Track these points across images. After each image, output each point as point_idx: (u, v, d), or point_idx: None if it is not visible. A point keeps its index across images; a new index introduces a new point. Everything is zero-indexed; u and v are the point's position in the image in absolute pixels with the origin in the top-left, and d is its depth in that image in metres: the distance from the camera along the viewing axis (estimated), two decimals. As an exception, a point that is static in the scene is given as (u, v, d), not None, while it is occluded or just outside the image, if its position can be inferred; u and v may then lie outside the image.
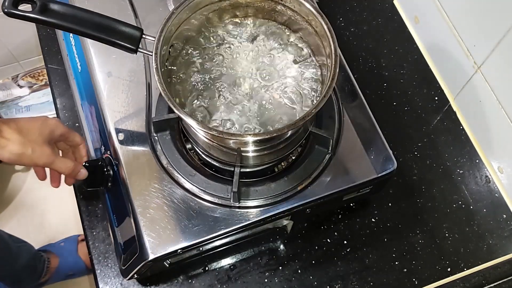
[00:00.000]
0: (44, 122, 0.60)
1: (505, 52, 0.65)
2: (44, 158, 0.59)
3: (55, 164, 0.60)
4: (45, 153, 0.59)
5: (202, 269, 0.70)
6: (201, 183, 0.62)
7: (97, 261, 0.71)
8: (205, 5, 0.62)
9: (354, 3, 0.90)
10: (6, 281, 1.16)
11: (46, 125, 0.60)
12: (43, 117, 0.62)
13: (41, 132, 0.59)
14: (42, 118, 0.61)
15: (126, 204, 0.62)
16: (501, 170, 0.75)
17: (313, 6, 0.59)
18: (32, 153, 0.57)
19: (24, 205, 1.50)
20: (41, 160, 0.58)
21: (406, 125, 0.80)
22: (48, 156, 0.59)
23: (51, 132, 0.61)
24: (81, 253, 1.30)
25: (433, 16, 0.78)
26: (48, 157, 0.59)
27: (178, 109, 0.53)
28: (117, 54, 0.68)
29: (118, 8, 0.73)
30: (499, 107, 0.70)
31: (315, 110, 0.53)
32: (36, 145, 0.58)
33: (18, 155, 0.56)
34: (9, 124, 0.57)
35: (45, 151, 0.59)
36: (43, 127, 0.60)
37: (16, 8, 0.55)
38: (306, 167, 0.63)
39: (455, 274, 0.70)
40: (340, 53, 0.58)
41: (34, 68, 1.53)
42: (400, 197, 0.75)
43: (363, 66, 0.85)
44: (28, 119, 0.60)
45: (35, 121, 0.60)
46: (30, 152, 0.57)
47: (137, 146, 0.65)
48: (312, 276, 0.70)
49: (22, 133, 0.57)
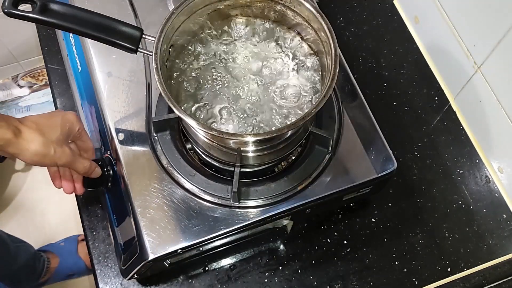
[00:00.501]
0: (64, 118, 0.59)
1: (505, 52, 0.65)
2: (65, 157, 0.57)
3: (74, 163, 0.59)
4: (66, 153, 0.57)
5: (202, 269, 0.70)
6: (201, 183, 0.62)
7: (97, 261, 0.71)
8: (205, 5, 0.62)
9: (354, 3, 0.90)
10: (5, 281, 1.16)
11: (66, 121, 0.59)
12: (61, 112, 0.60)
13: (62, 130, 0.58)
14: (60, 113, 0.60)
15: (126, 204, 0.62)
16: (501, 170, 0.75)
17: (313, 6, 0.59)
18: (54, 154, 0.55)
19: (24, 205, 1.50)
20: (62, 160, 0.57)
21: (406, 125, 0.80)
22: (68, 156, 0.57)
23: (70, 128, 0.59)
24: (81, 253, 1.30)
25: (433, 16, 0.78)
26: (69, 157, 0.57)
27: (178, 109, 0.53)
28: (117, 54, 0.68)
29: (118, 8, 0.73)
30: (499, 107, 0.70)
31: (315, 110, 0.53)
32: (57, 145, 0.56)
33: (41, 156, 0.54)
34: (28, 124, 0.54)
35: (65, 151, 0.57)
36: (63, 124, 0.58)
37: (16, 8, 0.55)
38: (306, 167, 0.63)
39: (455, 274, 0.70)
40: (340, 53, 0.58)
41: (34, 68, 1.53)
42: (400, 197, 0.75)
43: (363, 66, 0.85)
44: (46, 116, 0.58)
45: (54, 117, 0.58)
46: (53, 152, 0.55)
47: (137, 146, 0.65)
48: (312, 276, 0.70)
49: (43, 133, 0.55)
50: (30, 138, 0.54)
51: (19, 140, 0.53)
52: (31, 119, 0.56)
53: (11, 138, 0.52)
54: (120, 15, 0.67)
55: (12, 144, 0.53)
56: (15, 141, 0.52)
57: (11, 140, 0.52)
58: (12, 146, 0.53)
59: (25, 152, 0.54)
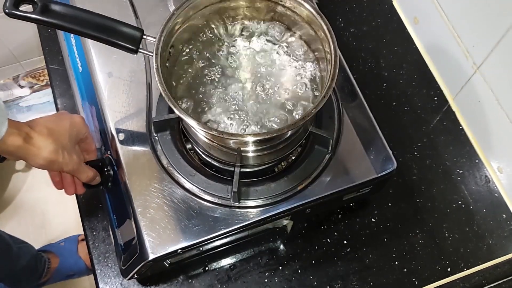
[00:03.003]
0: (72, 123, 0.59)
1: (504, 52, 0.65)
2: (71, 165, 0.57)
3: (79, 171, 0.59)
4: (73, 160, 0.57)
5: (202, 269, 0.71)
6: (201, 183, 0.62)
7: (97, 261, 0.71)
8: (205, 6, 0.62)
9: (354, 4, 0.91)
10: (6, 282, 1.16)
11: (73, 125, 0.59)
12: (68, 115, 0.60)
13: (70, 135, 0.58)
14: (67, 116, 0.59)
15: (126, 204, 0.63)
16: (500, 170, 0.75)
17: (313, 7, 0.59)
18: (63, 160, 0.55)
19: (24, 205, 1.50)
20: (69, 167, 0.57)
21: (406, 125, 0.80)
22: (75, 163, 0.58)
23: (78, 133, 0.59)
24: (81, 253, 1.30)
25: (432, 16, 0.78)
26: (75, 164, 0.58)
27: (179, 109, 0.53)
28: (118, 55, 0.68)
29: (119, 8, 0.73)
30: (499, 107, 0.70)
31: (315, 110, 0.53)
32: (66, 151, 0.56)
33: (50, 162, 0.54)
34: (38, 129, 0.54)
35: (73, 158, 0.57)
36: (71, 128, 0.58)
37: (17, 8, 0.55)
38: (306, 167, 0.63)
39: (455, 274, 0.70)
40: (340, 53, 0.59)
41: (35, 69, 1.53)
42: (400, 197, 0.75)
43: (362, 67, 0.85)
44: (55, 120, 0.57)
45: (62, 120, 0.58)
46: (61, 159, 0.55)
47: (137, 146, 0.65)
48: (312, 276, 0.70)
49: (53, 138, 0.54)
50: (42, 145, 0.54)
51: (30, 147, 0.53)
52: (41, 123, 0.55)
53: (22, 144, 0.52)
54: (120, 15, 0.67)
55: (22, 150, 0.53)
56: (25, 147, 0.53)
57: (22, 146, 0.52)
58: (22, 152, 0.53)
59: (35, 158, 0.54)
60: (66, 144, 0.57)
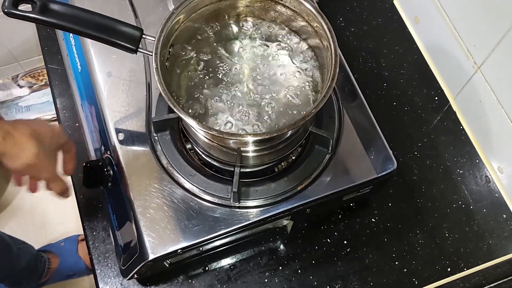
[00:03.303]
0: (53, 129, 0.57)
1: (505, 52, 0.65)
2: (47, 173, 0.55)
3: (53, 182, 0.57)
4: (50, 169, 0.55)
5: (202, 269, 0.70)
6: (201, 183, 0.62)
7: (97, 261, 0.71)
8: (205, 5, 0.62)
9: (354, 3, 0.90)
10: (6, 282, 1.16)
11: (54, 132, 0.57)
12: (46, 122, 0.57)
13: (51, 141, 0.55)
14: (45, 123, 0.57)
15: (126, 204, 0.62)
16: (501, 170, 0.75)
17: (313, 6, 0.59)
18: (41, 166, 0.53)
19: (24, 205, 1.50)
20: (44, 175, 0.55)
21: (406, 125, 0.80)
22: (51, 173, 0.55)
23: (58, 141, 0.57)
24: (81, 253, 1.30)
25: (433, 16, 0.78)
26: (51, 173, 0.55)
27: (178, 109, 0.53)
28: (117, 54, 0.68)
29: (118, 8, 0.73)
30: (499, 107, 0.70)
31: (315, 110, 0.53)
32: (46, 157, 0.53)
33: (28, 166, 0.51)
34: (21, 129, 0.51)
35: (51, 167, 0.55)
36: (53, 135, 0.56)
37: (16, 8, 0.55)
38: (306, 167, 0.63)
39: (455, 274, 0.70)
40: (340, 53, 0.58)
41: (34, 68, 1.53)
42: (400, 197, 0.75)
43: (363, 66, 0.85)
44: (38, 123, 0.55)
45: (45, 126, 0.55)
46: (40, 165, 0.52)
47: (137, 146, 0.65)
48: (312, 276, 0.70)
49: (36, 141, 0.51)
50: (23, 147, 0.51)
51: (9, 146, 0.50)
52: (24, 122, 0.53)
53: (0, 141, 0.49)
54: (120, 15, 0.67)
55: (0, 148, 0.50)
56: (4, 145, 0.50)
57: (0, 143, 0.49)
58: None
59: (14, 159, 0.51)
60: (46, 149, 0.54)
